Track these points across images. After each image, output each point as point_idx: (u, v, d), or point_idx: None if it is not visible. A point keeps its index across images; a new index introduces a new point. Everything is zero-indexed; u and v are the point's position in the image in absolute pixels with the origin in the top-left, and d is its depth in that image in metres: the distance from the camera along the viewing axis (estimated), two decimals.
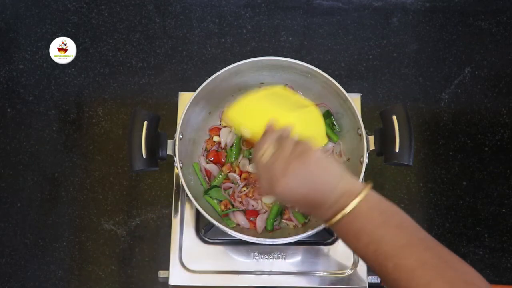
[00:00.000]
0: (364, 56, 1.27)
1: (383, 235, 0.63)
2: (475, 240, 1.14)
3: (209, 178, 0.99)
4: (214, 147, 1.00)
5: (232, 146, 0.99)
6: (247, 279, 0.97)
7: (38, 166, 1.18)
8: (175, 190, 1.03)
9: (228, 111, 0.88)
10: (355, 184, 0.67)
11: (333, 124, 1.01)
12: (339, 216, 0.65)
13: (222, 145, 1.00)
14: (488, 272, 1.11)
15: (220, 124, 1.02)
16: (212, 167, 0.98)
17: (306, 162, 0.68)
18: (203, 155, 1.00)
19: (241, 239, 0.89)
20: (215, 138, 1.00)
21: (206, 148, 1.00)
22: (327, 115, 0.99)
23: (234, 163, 0.98)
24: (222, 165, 0.99)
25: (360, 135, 0.91)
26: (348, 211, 0.64)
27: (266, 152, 0.71)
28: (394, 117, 0.87)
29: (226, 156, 0.99)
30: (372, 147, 0.91)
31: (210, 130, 1.01)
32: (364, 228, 0.64)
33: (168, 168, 1.08)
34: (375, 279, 0.98)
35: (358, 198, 0.65)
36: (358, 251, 0.66)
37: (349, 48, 1.28)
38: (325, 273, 0.97)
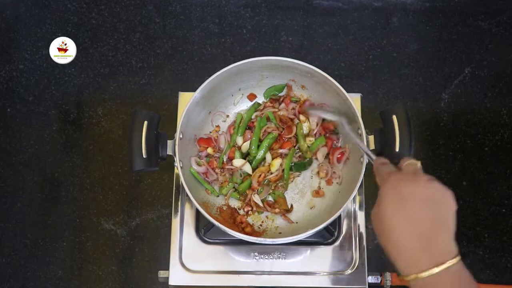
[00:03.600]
0: (364, 56, 1.27)
1: None
2: (475, 240, 1.14)
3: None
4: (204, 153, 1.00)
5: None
6: (247, 279, 0.97)
7: (38, 166, 1.18)
8: (175, 190, 1.03)
9: None
10: (446, 248, 0.64)
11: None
12: (412, 276, 0.62)
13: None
14: (488, 272, 1.12)
15: (210, 132, 1.02)
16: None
17: (426, 209, 0.65)
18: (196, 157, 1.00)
19: (241, 239, 0.89)
20: (209, 150, 1.00)
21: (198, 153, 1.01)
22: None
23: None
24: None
25: (360, 135, 0.91)
26: (425, 276, 0.62)
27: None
28: (394, 117, 0.87)
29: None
30: (372, 147, 0.91)
31: (199, 141, 1.01)
32: None
33: (168, 168, 1.07)
34: (375, 279, 0.98)
35: (439, 267, 0.61)
36: None
37: (349, 48, 1.28)
38: (325, 273, 0.97)
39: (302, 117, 1.02)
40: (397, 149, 0.86)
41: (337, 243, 0.99)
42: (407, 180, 0.67)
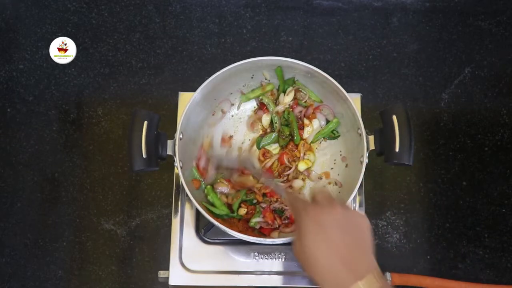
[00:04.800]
0: (364, 56, 1.27)
1: None
2: (475, 240, 1.13)
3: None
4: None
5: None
6: (247, 279, 0.97)
7: (38, 166, 1.18)
8: (175, 190, 1.03)
9: None
10: (366, 264, 0.70)
11: (333, 131, 1.02)
12: None
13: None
14: (488, 272, 1.11)
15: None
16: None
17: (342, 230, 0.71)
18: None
19: (241, 239, 0.89)
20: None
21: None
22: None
23: None
24: None
25: (360, 135, 0.91)
26: None
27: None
28: (394, 117, 0.87)
29: None
30: (372, 147, 0.91)
31: (199, 159, 1.01)
32: None
33: (168, 168, 1.07)
34: None
35: (363, 280, 0.67)
36: None
37: (349, 48, 1.28)
38: None
39: (306, 121, 1.02)
40: (397, 149, 0.86)
41: None
42: (324, 211, 0.72)
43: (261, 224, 0.97)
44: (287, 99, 1.01)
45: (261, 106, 1.05)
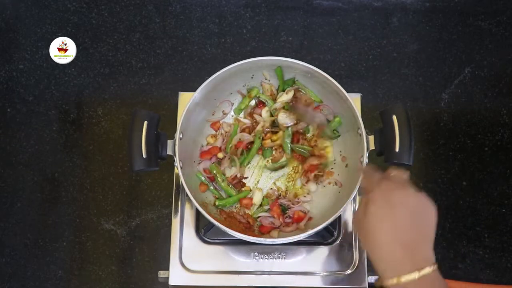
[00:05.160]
0: (364, 56, 1.27)
1: None
2: (475, 240, 1.13)
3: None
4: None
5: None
6: (247, 279, 0.97)
7: (38, 166, 1.18)
8: (175, 190, 1.03)
9: None
10: (426, 257, 0.67)
11: (334, 130, 1.02)
12: (393, 280, 0.65)
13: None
14: (488, 272, 1.11)
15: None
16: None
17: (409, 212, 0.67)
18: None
19: (241, 239, 0.89)
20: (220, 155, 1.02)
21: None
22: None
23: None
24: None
25: (360, 135, 0.91)
26: (404, 281, 0.65)
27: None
28: (394, 117, 0.87)
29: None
30: (372, 147, 0.91)
31: (201, 155, 1.02)
32: None
33: (168, 168, 1.07)
34: (375, 279, 0.98)
35: (419, 273, 0.64)
36: None
37: (349, 48, 1.28)
38: (325, 273, 0.97)
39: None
40: (397, 149, 0.86)
41: (337, 243, 0.99)
42: (396, 189, 0.69)
43: (264, 219, 0.97)
44: (285, 97, 1.01)
45: (259, 104, 1.04)
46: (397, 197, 0.68)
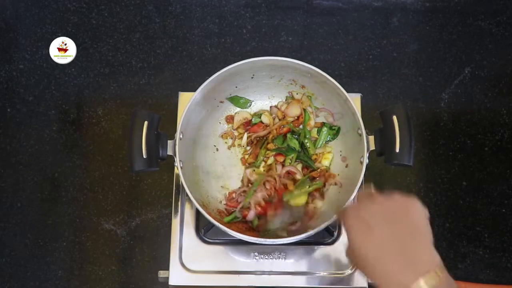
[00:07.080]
0: (364, 56, 1.27)
1: None
2: (475, 240, 1.14)
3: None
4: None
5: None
6: (247, 279, 0.97)
7: (38, 166, 1.18)
8: (175, 190, 1.03)
9: None
10: (427, 257, 0.63)
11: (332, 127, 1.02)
12: None
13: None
14: (488, 272, 1.11)
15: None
16: None
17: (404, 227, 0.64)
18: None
19: (241, 239, 0.89)
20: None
21: None
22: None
23: None
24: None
25: (360, 135, 0.91)
26: None
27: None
28: (394, 117, 0.87)
29: None
30: (372, 147, 0.91)
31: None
32: None
33: (168, 168, 1.07)
34: None
35: (425, 277, 0.60)
36: None
37: (349, 48, 1.28)
38: (325, 273, 0.97)
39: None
40: (397, 150, 0.86)
41: (337, 243, 0.99)
42: (363, 205, 0.66)
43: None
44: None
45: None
46: (366, 212, 0.65)
